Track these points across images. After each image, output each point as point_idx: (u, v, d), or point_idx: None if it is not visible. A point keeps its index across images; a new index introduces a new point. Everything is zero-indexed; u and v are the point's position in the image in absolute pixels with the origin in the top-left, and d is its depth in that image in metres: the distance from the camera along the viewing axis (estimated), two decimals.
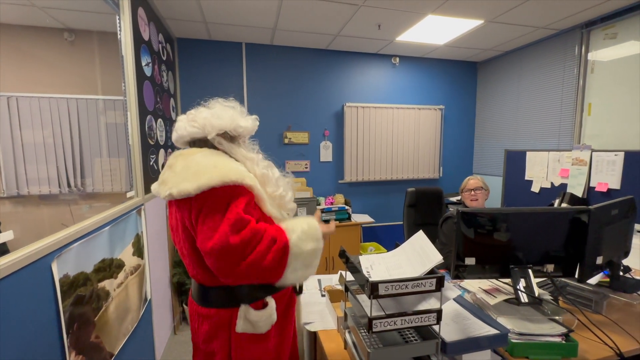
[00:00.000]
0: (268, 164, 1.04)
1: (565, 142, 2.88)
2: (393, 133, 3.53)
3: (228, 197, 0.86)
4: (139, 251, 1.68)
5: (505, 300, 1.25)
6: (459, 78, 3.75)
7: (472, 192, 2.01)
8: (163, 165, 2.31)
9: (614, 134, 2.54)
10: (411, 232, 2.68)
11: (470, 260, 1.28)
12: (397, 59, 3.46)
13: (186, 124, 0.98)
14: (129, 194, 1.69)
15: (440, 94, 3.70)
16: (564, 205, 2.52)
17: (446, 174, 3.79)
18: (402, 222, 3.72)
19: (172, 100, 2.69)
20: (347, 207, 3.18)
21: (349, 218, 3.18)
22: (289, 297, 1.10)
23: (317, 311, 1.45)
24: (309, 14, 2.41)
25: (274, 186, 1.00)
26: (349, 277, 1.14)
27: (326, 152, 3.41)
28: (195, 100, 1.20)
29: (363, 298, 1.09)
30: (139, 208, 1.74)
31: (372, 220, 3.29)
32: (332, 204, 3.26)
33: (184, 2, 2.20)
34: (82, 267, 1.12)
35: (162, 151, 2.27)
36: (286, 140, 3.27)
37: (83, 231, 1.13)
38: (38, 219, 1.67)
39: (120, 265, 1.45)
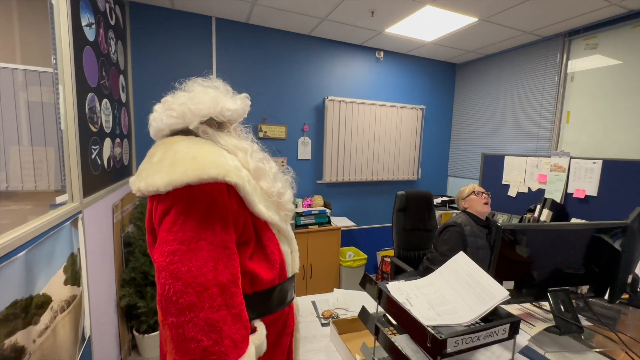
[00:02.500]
0: (264, 156, 0.84)
1: (543, 147, 2.94)
2: (375, 131, 3.34)
3: (206, 203, 0.64)
4: (73, 277, 1.23)
5: (545, 329, 1.09)
6: (438, 79, 3.69)
7: (484, 196, 1.86)
8: (109, 160, 1.81)
9: (591, 142, 2.63)
10: (401, 238, 2.51)
11: (508, 285, 1.09)
12: (382, 54, 3.27)
13: (162, 115, 0.78)
14: (59, 199, 1.22)
15: (422, 94, 3.60)
16: (545, 211, 2.55)
17: (424, 176, 3.72)
18: (379, 225, 3.60)
19: (122, 77, 2.16)
20: (327, 210, 2.92)
21: (328, 222, 2.92)
22: (284, 321, 0.83)
23: (321, 348, 1.16)
24: None
25: (272, 182, 0.80)
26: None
27: (305, 149, 3.10)
28: (151, 80, 0.88)
29: (399, 340, 0.84)
30: (75, 217, 1.29)
31: (352, 223, 3.07)
32: (310, 206, 2.97)
33: None
34: None
35: (108, 140, 1.78)
36: (261, 134, 2.90)
37: None
38: None
39: (44, 303, 1.01)
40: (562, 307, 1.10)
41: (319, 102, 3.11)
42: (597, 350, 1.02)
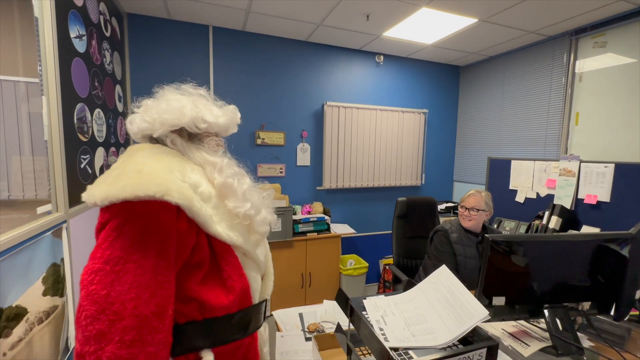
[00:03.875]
0: (236, 172, 0.79)
1: (551, 151, 2.81)
2: (376, 136, 3.28)
3: (146, 222, 0.59)
4: (54, 288, 1.22)
5: (541, 350, 1.00)
6: (442, 82, 3.61)
7: (468, 212, 1.75)
8: (102, 169, 1.82)
9: (601, 145, 2.49)
10: (401, 245, 2.43)
11: (499, 300, 1.02)
12: (382, 57, 3.22)
13: (138, 117, 0.78)
14: (41, 209, 1.23)
15: (424, 97, 3.53)
16: (554, 217, 2.42)
17: (428, 181, 3.62)
18: (382, 232, 3.51)
19: (118, 87, 2.19)
20: (326, 217, 2.87)
21: (328, 229, 2.87)
22: (245, 353, 0.76)
23: None
24: None
25: (240, 201, 0.74)
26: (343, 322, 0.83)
27: (304, 156, 3.07)
28: (149, 90, 0.89)
29: None
30: (59, 227, 1.29)
31: (353, 231, 3.01)
32: (309, 213, 2.92)
33: None
34: None
35: (101, 150, 1.79)
36: (259, 141, 2.89)
37: None
38: None
39: (18, 315, 1.00)
40: (560, 325, 1.01)
41: (317, 107, 3.08)
42: None
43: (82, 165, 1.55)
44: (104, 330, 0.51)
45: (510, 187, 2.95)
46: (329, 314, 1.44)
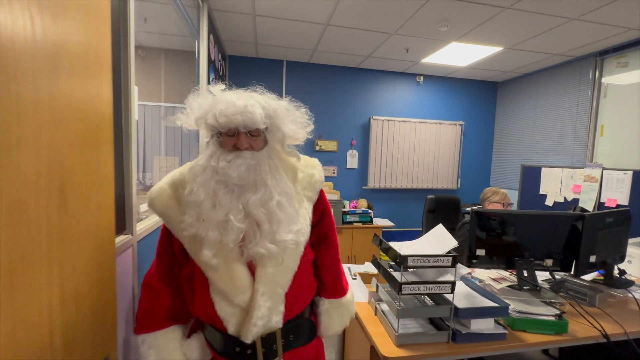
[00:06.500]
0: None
1: (578, 160, 3.08)
2: (415, 145, 3.81)
3: None
4: None
5: (510, 286, 1.51)
6: (479, 96, 4.01)
7: (505, 207, 2.20)
8: None
9: (625, 154, 2.73)
10: None
11: (480, 252, 1.55)
12: (422, 78, 3.77)
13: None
14: None
15: (461, 111, 3.96)
16: None
17: (464, 185, 4.02)
18: (420, 229, 3.97)
19: None
20: (369, 211, 3.47)
21: (370, 221, 3.46)
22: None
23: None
24: (347, 39, 2.77)
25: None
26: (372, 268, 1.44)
27: (352, 160, 3.73)
28: None
29: (392, 275, 1.39)
30: None
31: (392, 224, 3.56)
32: (355, 207, 3.56)
33: (244, 27, 2.61)
34: None
35: None
36: (317, 148, 3.63)
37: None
38: None
39: None
40: (525, 272, 1.51)
41: (365, 121, 3.73)
42: (543, 299, 1.41)
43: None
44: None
45: (541, 192, 3.25)
46: (368, 266, 2.06)
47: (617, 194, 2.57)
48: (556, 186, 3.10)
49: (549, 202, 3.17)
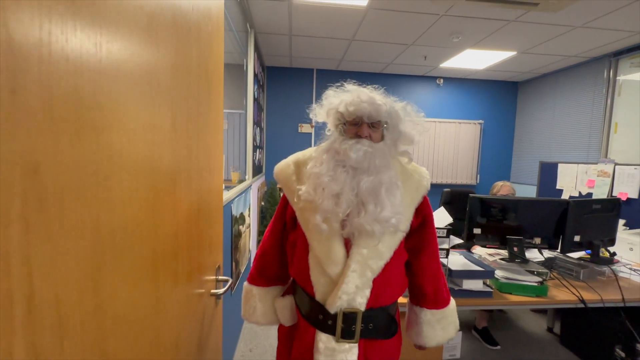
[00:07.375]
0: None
1: (593, 156, 3.21)
2: (435, 142, 4.09)
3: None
4: (248, 216, 2.53)
5: (501, 259, 1.82)
6: (500, 95, 4.18)
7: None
8: (259, 161, 3.19)
9: (638, 150, 2.84)
10: None
11: (477, 230, 1.88)
12: (442, 80, 4.03)
13: None
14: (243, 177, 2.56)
15: (481, 110, 4.16)
16: None
17: (483, 181, 4.22)
18: None
19: (262, 113, 3.61)
20: None
21: None
22: (299, 338, 0.87)
23: None
24: (370, 50, 3.14)
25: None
26: None
27: None
28: (276, 113, 1.88)
29: None
30: (249, 188, 2.61)
31: None
32: None
33: (282, 44, 3.08)
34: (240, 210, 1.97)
35: (257, 150, 3.16)
36: None
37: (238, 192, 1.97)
38: None
39: (242, 216, 2.30)
40: (515, 248, 1.81)
41: None
42: (529, 269, 1.71)
43: (256, 158, 2.90)
44: None
45: (557, 187, 3.41)
46: None
47: (628, 188, 2.71)
48: (572, 181, 3.25)
49: (564, 196, 3.32)
